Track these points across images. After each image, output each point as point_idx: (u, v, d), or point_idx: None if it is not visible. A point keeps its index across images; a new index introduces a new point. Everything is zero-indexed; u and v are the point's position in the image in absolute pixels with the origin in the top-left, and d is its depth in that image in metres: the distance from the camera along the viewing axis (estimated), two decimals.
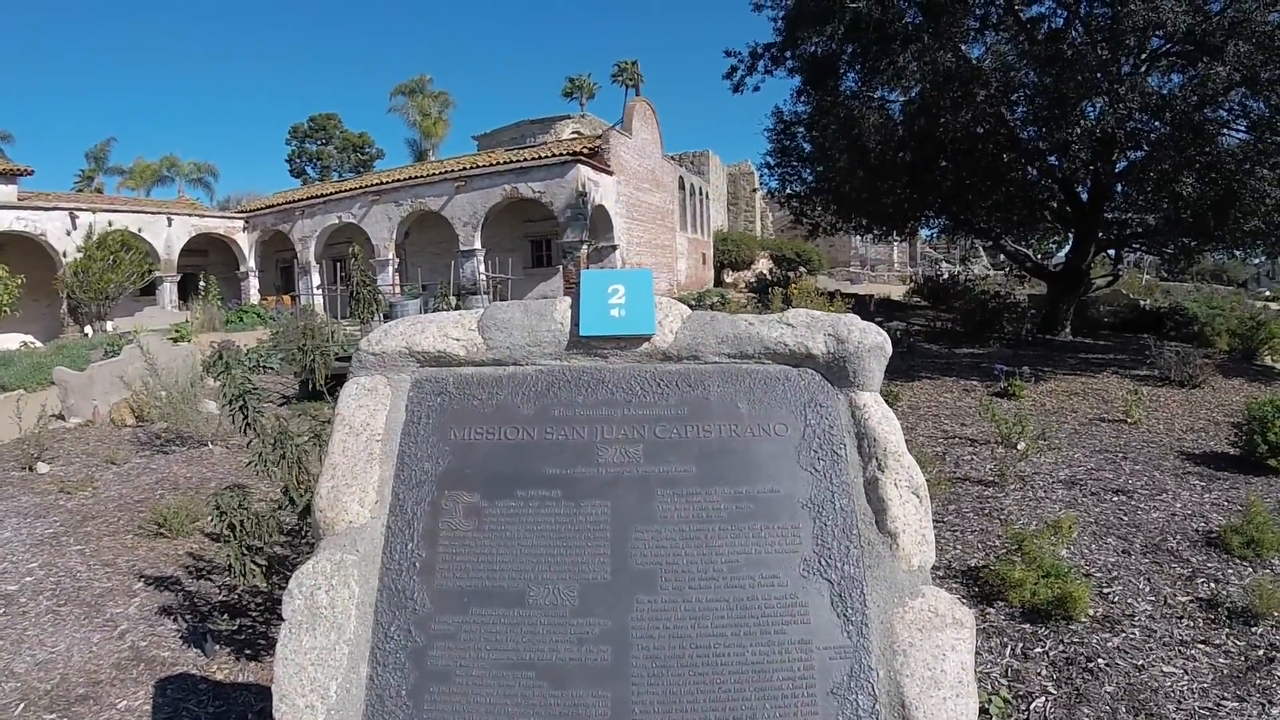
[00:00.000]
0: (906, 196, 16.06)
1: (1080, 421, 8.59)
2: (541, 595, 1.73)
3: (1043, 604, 4.26)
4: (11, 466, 7.90)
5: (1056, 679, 3.84)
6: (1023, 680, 3.85)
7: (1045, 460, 7.04)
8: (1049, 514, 5.63)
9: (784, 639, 1.71)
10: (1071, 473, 6.70)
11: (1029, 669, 3.91)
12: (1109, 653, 3.93)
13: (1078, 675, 3.82)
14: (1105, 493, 6.17)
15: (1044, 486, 6.37)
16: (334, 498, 1.88)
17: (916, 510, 1.91)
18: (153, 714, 4.04)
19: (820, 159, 16.04)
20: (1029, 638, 4.15)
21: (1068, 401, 9.64)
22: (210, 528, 6.01)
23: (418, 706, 1.67)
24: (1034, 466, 6.86)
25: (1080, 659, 3.92)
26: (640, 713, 1.64)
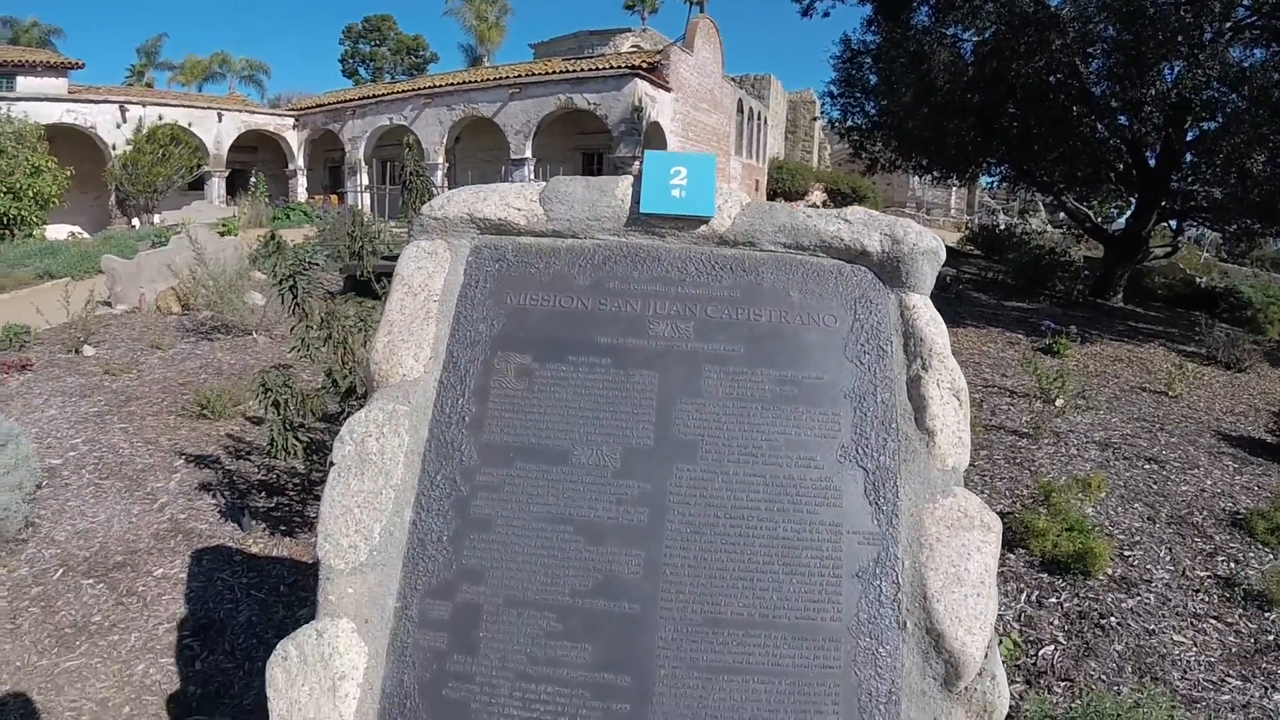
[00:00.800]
0: (971, 140, 15.67)
1: (1121, 388, 8.51)
2: (584, 455, 1.78)
3: (1063, 556, 4.28)
4: (58, 349, 8.08)
5: (1068, 630, 3.88)
6: (1034, 627, 3.89)
7: (1082, 420, 7.00)
8: (1079, 471, 5.62)
9: (815, 519, 1.75)
10: (1106, 435, 6.66)
11: (1042, 617, 3.95)
12: (1122, 613, 3.96)
13: (1089, 630, 3.86)
14: (1138, 459, 6.14)
15: (1077, 445, 6.35)
16: (389, 351, 1.93)
17: (956, 413, 1.92)
18: (188, 582, 4.20)
19: (886, 92, 15.67)
20: (1045, 587, 4.18)
21: (1111, 367, 9.53)
22: (252, 412, 6.16)
23: (458, 551, 1.74)
24: (1070, 424, 6.82)
25: (1093, 614, 3.96)
26: (671, 574, 1.70)
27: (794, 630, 1.68)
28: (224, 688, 3.58)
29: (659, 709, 1.63)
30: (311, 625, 1.75)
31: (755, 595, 1.69)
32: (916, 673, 1.73)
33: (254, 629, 3.89)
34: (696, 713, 1.63)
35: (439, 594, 1.72)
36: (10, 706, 3.46)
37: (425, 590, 1.72)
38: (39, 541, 4.56)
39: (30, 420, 6.02)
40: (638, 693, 1.63)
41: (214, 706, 3.48)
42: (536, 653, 1.66)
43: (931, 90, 13.44)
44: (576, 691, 1.64)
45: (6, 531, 4.42)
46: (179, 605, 4.04)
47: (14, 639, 3.83)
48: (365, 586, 1.76)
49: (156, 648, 3.82)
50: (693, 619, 1.67)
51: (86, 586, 4.21)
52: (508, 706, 1.64)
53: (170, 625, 3.93)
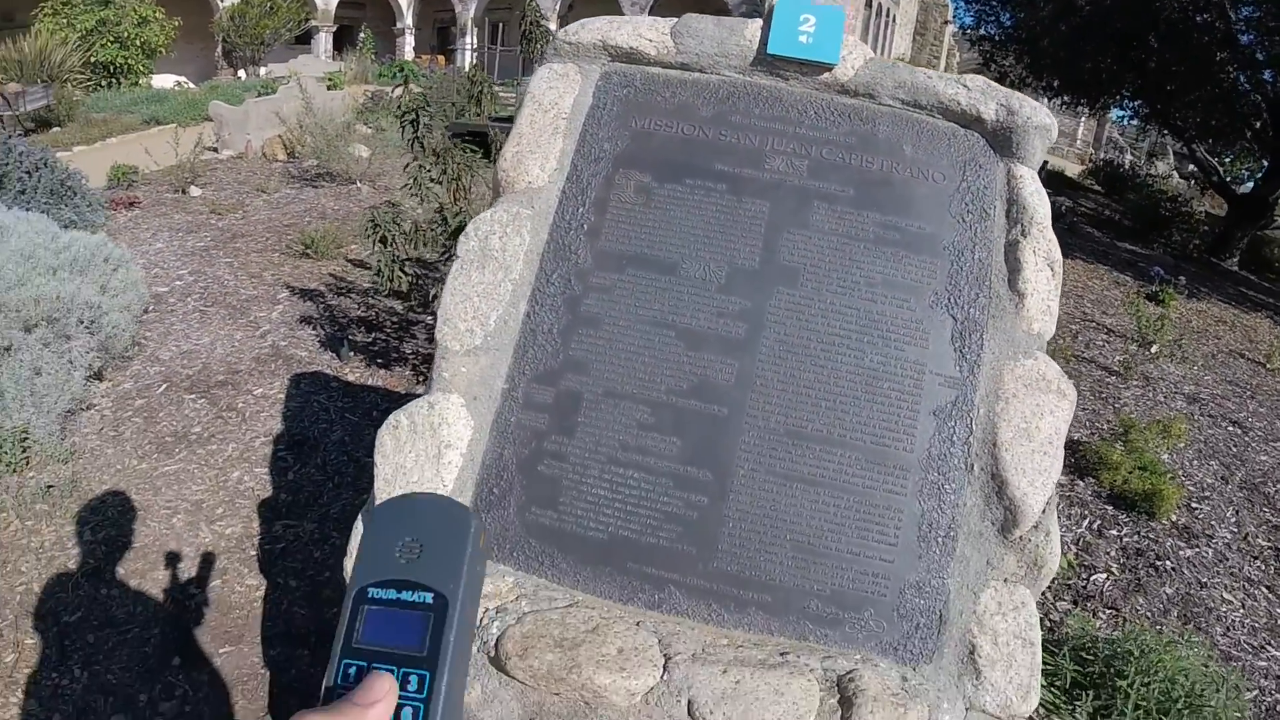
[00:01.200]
0: (1107, 67, 14.87)
1: (1219, 349, 8.30)
2: (692, 269, 1.89)
3: (1131, 493, 4.31)
4: (165, 189, 8.37)
5: (1122, 564, 3.93)
6: (1091, 554, 3.95)
7: (1174, 370, 6.88)
8: (1162, 418, 5.58)
9: (902, 356, 1.85)
10: (1196, 390, 6.55)
11: (1100, 546, 4.00)
12: (1178, 560, 3.99)
13: (1143, 568, 3.90)
14: (1222, 420, 6.04)
15: (1165, 393, 6.27)
16: (517, 161, 2.05)
17: (1048, 282, 1.98)
18: (285, 402, 4.46)
19: (1024, 4, 14.99)
20: (1108, 519, 4.22)
21: (1213, 327, 9.28)
22: (354, 254, 6.40)
23: (565, 343, 1.88)
24: (1161, 372, 6.72)
25: (1150, 554, 3.99)
26: (760, 385, 1.82)
27: (867, 454, 1.79)
28: (313, 497, 3.84)
29: (733, 505, 1.77)
30: (424, 398, 1.92)
31: (836, 416, 1.80)
32: (976, 514, 1.84)
33: (345, 447, 4.14)
34: (768, 514, 1.76)
35: (544, 380, 1.87)
36: (110, 504, 3.76)
37: (532, 376, 1.88)
38: (144, 360, 4.86)
39: (138, 251, 6.31)
40: (716, 488, 1.78)
41: (303, 513, 3.75)
42: (628, 441, 1.80)
43: (1072, 8, 12.79)
44: (660, 480, 1.79)
45: (114, 348, 4.72)
46: (275, 422, 4.31)
47: (116, 445, 4.13)
48: (477, 367, 1.91)
49: (252, 458, 4.09)
50: (775, 429, 1.80)
51: (188, 401, 4.50)
52: (596, 487, 1.80)
53: (266, 439, 4.20)
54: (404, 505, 0.61)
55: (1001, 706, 1.75)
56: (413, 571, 0.57)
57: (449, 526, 0.59)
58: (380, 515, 0.61)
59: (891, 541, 1.76)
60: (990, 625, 1.78)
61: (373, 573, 0.58)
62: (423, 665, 0.54)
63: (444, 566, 0.57)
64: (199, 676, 3.14)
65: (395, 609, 0.57)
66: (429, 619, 0.56)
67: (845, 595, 1.74)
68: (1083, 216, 15.79)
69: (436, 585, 0.57)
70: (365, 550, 0.60)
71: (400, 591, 0.57)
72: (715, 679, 1.61)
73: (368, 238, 4.08)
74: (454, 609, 0.56)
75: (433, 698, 0.54)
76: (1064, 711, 3.14)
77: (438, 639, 0.55)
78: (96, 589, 3.42)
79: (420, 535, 0.59)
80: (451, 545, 0.58)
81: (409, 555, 0.58)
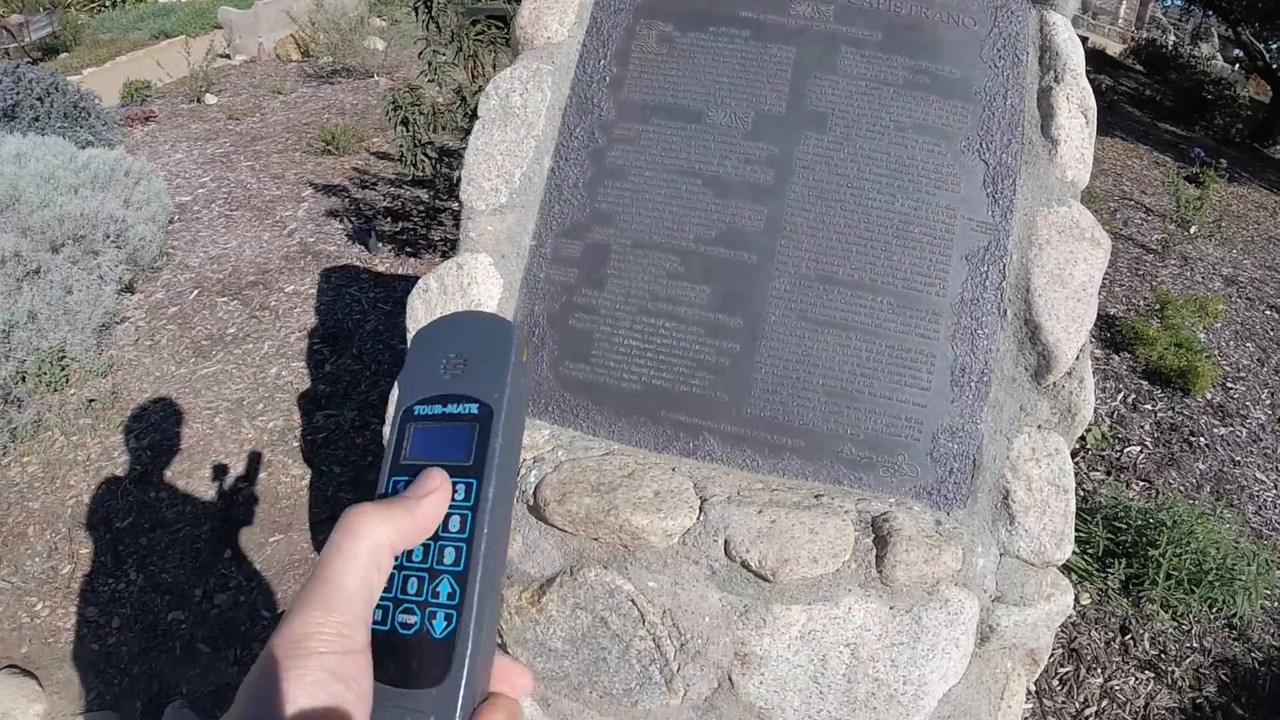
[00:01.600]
0: None
1: (1259, 235, 8.12)
2: (718, 117, 1.86)
3: (1167, 369, 4.27)
4: (180, 100, 8.31)
5: (1156, 439, 3.92)
6: (1125, 427, 3.94)
7: (1213, 252, 6.76)
8: (1199, 297, 5.50)
9: (933, 201, 1.82)
10: (1234, 273, 6.44)
11: (1134, 420, 3.99)
12: (1212, 437, 3.97)
13: (1177, 443, 3.89)
14: (1260, 303, 5.95)
15: (1203, 273, 6.17)
16: (535, 17, 2.01)
17: (1082, 130, 1.93)
18: (318, 297, 4.49)
19: None
20: (1143, 394, 4.20)
21: (1254, 212, 9.06)
22: (376, 147, 6.36)
23: (592, 197, 1.87)
24: (1199, 252, 6.61)
25: (1184, 430, 3.97)
26: (790, 230, 1.80)
27: (900, 298, 1.78)
28: (351, 386, 3.89)
29: (765, 351, 1.77)
30: (452, 260, 1.92)
31: (867, 260, 1.78)
32: (1010, 360, 1.83)
33: (380, 336, 4.19)
34: (800, 359, 1.76)
35: (571, 234, 1.86)
36: (151, 411, 3.83)
37: (559, 230, 1.87)
38: (174, 268, 4.90)
39: (158, 163, 6.31)
40: (748, 334, 1.77)
41: (342, 402, 3.81)
42: (658, 291, 1.80)
43: None
44: (691, 328, 1.79)
45: (143, 260, 4.75)
46: (309, 317, 4.35)
47: (152, 353, 4.19)
48: (504, 225, 1.91)
49: (288, 354, 4.14)
50: (806, 274, 1.78)
51: (220, 304, 4.54)
52: (628, 338, 1.80)
53: (301, 334, 4.24)
54: (447, 324, 0.61)
55: (1035, 553, 1.76)
56: (457, 385, 0.58)
57: (492, 339, 0.59)
58: (424, 336, 0.61)
59: (924, 386, 1.76)
60: (1024, 471, 1.78)
61: (418, 391, 0.59)
62: (469, 474, 0.55)
63: (488, 377, 0.57)
64: (250, 567, 3.24)
65: (441, 423, 0.57)
66: (474, 429, 0.56)
67: (878, 440, 1.75)
68: (1123, 95, 15.36)
69: (481, 395, 0.57)
70: (410, 371, 0.60)
71: (446, 405, 0.57)
72: (751, 519, 1.63)
73: (388, 120, 4.05)
74: (499, 417, 0.56)
75: (480, 505, 0.54)
76: (1097, 579, 3.17)
77: (483, 447, 0.55)
78: (145, 493, 3.51)
79: (463, 351, 0.59)
80: (495, 357, 0.58)
81: (453, 371, 0.58)
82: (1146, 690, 2.89)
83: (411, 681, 0.51)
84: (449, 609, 0.52)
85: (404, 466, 0.56)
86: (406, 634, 0.52)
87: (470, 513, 0.54)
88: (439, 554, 0.53)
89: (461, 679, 0.50)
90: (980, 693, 1.89)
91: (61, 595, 3.16)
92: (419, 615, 0.52)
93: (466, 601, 0.52)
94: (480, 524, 0.54)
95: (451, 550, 0.53)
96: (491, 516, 0.54)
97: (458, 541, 0.54)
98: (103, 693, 2.89)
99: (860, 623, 1.68)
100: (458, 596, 0.52)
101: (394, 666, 0.51)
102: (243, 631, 3.03)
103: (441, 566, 0.53)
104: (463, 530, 0.54)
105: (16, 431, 3.73)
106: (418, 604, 0.53)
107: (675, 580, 1.71)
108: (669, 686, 1.76)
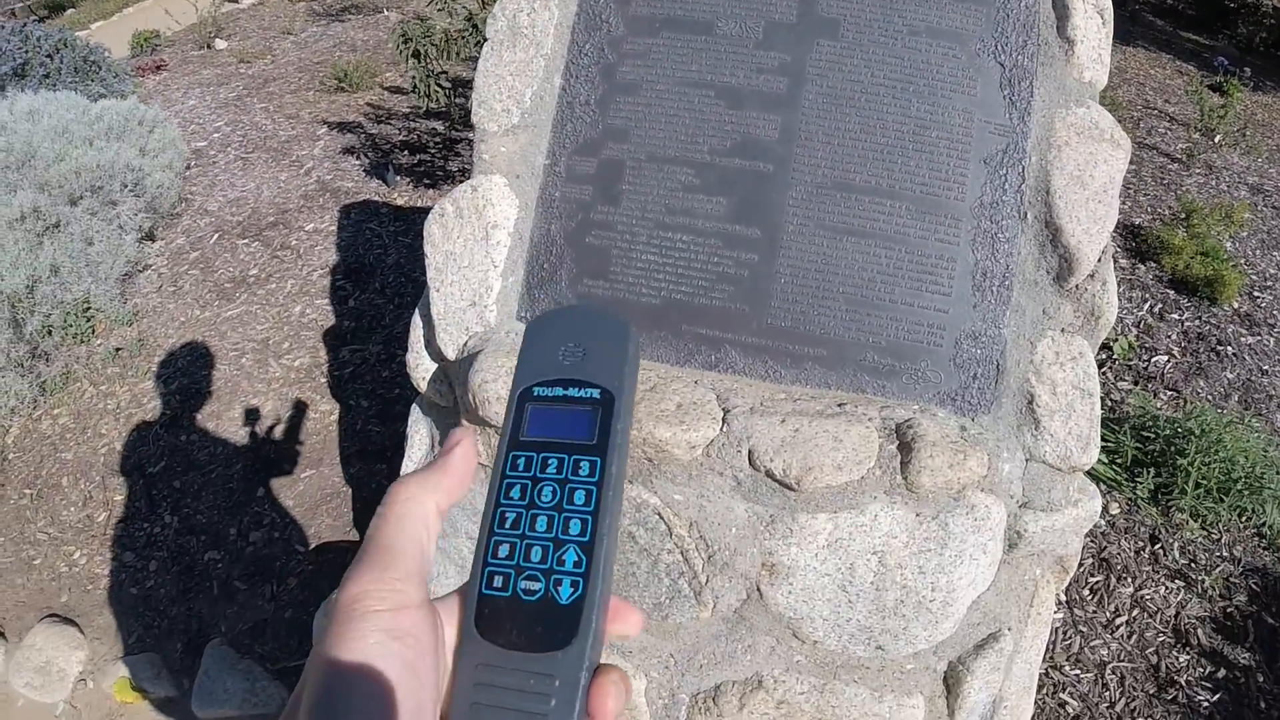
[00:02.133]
0: None
1: None
2: (728, 27, 1.83)
3: (1193, 278, 4.21)
4: (190, 47, 8.25)
5: (1183, 348, 3.88)
6: (1152, 336, 3.90)
7: (1238, 161, 6.61)
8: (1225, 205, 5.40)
9: (949, 104, 1.78)
10: (1260, 181, 6.29)
11: (1161, 329, 3.95)
12: (1239, 346, 3.92)
13: (1205, 352, 3.85)
14: None
15: (1229, 182, 6.04)
16: None
17: (1098, 30, 1.89)
18: (338, 233, 4.49)
19: None
20: (1170, 303, 4.15)
21: (1279, 120, 8.85)
22: (389, 82, 6.32)
23: (604, 113, 1.85)
24: (1224, 161, 6.46)
25: (1211, 339, 3.93)
26: (805, 139, 1.78)
27: (918, 203, 1.76)
28: (375, 320, 3.92)
29: (785, 261, 1.76)
30: (467, 183, 1.91)
31: (884, 166, 1.76)
32: (1031, 263, 1.81)
33: (402, 269, 4.20)
34: (820, 268, 1.75)
35: (585, 151, 1.85)
36: (178, 355, 3.87)
37: (572, 148, 1.86)
38: (193, 213, 4.91)
39: (172, 111, 6.28)
40: (766, 245, 1.76)
41: (367, 336, 3.84)
42: (674, 204, 1.79)
43: None
44: (709, 241, 1.78)
45: (161, 207, 4.77)
46: (331, 254, 4.37)
47: (176, 299, 4.22)
48: (516, 145, 1.90)
49: (311, 291, 4.17)
50: (823, 182, 1.77)
51: (241, 246, 4.56)
52: (645, 253, 1.80)
53: (323, 271, 4.26)
54: (561, 316, 0.64)
55: (1061, 458, 1.76)
56: (578, 371, 0.60)
57: (608, 333, 0.62)
58: (540, 324, 0.63)
59: (945, 292, 1.75)
60: (1048, 375, 1.77)
61: (537, 373, 0.61)
62: (593, 452, 0.57)
63: (607, 367, 0.60)
64: (284, 503, 3.30)
65: (561, 405, 0.59)
66: (596, 412, 0.58)
67: (901, 347, 1.74)
68: (1144, 5, 14.94)
69: (602, 382, 0.59)
70: (526, 355, 0.62)
71: (566, 389, 0.60)
72: (774, 428, 1.64)
73: (399, 54, 4.01)
74: (620, 402, 0.59)
75: (604, 480, 0.57)
76: (1125, 488, 3.18)
77: (606, 428, 0.58)
78: (176, 437, 3.57)
79: (581, 341, 0.61)
80: (612, 349, 0.61)
81: (572, 358, 0.61)
82: (1177, 599, 2.91)
83: (535, 645, 0.53)
84: (575, 576, 0.54)
85: (523, 443, 0.59)
86: (530, 600, 0.54)
87: (595, 488, 0.56)
88: (564, 525, 0.56)
89: (588, 641, 0.53)
90: (1009, 600, 1.91)
91: (98, 543, 3.24)
92: (543, 582, 0.55)
93: (593, 569, 0.54)
94: (605, 498, 0.56)
95: (577, 522, 0.56)
96: (614, 491, 0.57)
97: (584, 514, 0.56)
98: (142, 635, 2.98)
99: (887, 530, 1.69)
100: (584, 564, 0.55)
101: (516, 631, 0.53)
102: (278, 567, 3.10)
103: (567, 537, 0.56)
104: (588, 504, 0.56)
105: (46, 384, 3.79)
106: (542, 571, 0.55)
107: (701, 492, 1.72)
108: (698, 599, 1.79)
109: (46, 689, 2.84)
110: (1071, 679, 2.72)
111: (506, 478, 0.59)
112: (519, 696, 0.52)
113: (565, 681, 0.52)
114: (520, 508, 0.57)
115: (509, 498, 0.58)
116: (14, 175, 4.36)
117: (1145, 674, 2.73)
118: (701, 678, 1.87)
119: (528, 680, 0.52)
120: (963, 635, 1.84)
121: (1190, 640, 2.79)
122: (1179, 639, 2.80)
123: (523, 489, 0.58)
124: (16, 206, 4.05)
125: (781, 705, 1.83)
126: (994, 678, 1.87)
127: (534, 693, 0.52)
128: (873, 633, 1.76)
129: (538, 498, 0.57)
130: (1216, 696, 2.65)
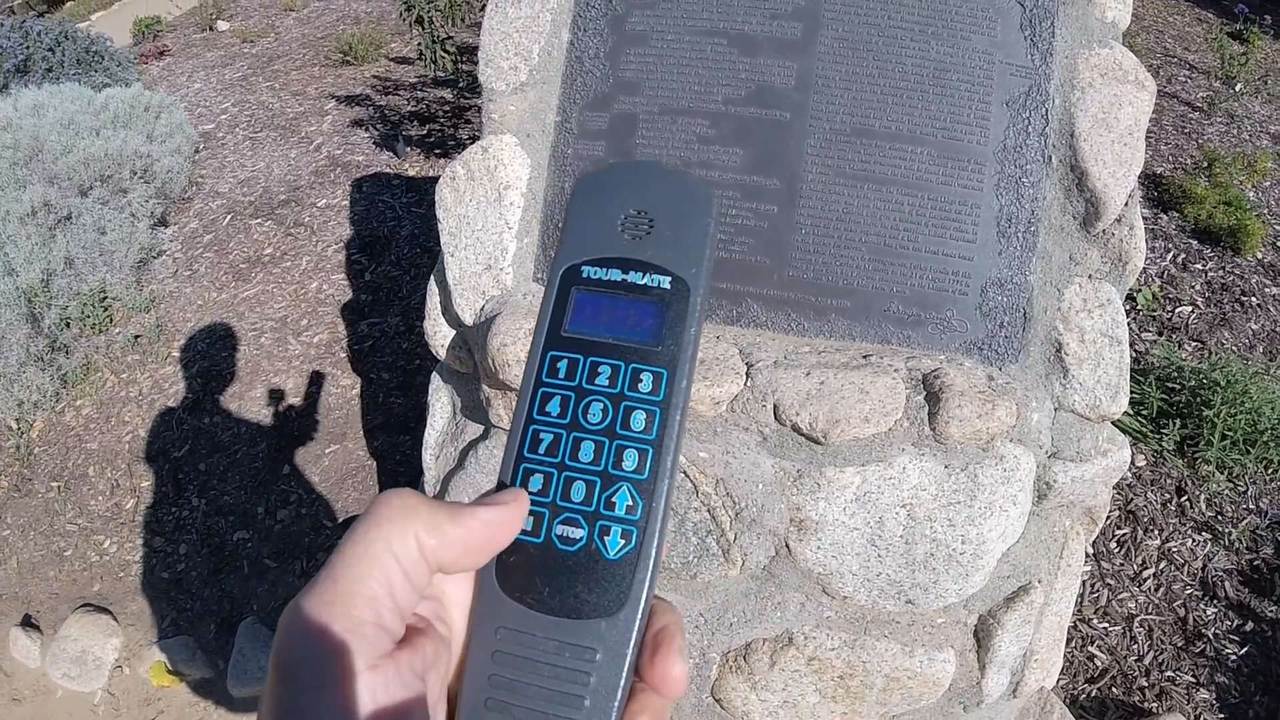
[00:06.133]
0: None
1: None
2: None
3: (1216, 228, 4.15)
4: (192, 31, 8.20)
5: (1207, 298, 3.82)
6: (1175, 287, 3.85)
7: (1260, 109, 6.50)
8: (1247, 155, 5.31)
9: (969, 46, 1.74)
10: None
11: (1184, 280, 3.89)
12: (1264, 297, 3.86)
13: (1229, 303, 3.79)
14: None
15: (1250, 131, 5.94)
16: None
17: None
18: (350, 207, 4.47)
19: None
20: (1193, 253, 4.09)
21: None
22: (395, 53, 6.27)
23: (614, 66, 1.81)
24: (1246, 110, 6.36)
25: (1235, 289, 3.87)
26: (822, 85, 1.74)
27: (940, 148, 1.72)
28: (392, 293, 3.91)
29: (805, 211, 1.72)
30: (477, 144, 1.88)
31: (904, 111, 1.72)
32: (1057, 208, 1.77)
33: (417, 240, 4.19)
34: (841, 217, 1.72)
35: (596, 106, 1.81)
36: (197, 338, 3.87)
37: (583, 104, 1.82)
38: (204, 196, 4.90)
39: (178, 95, 6.24)
40: (785, 195, 1.73)
41: (385, 309, 3.83)
42: (690, 156, 1.75)
43: None
44: (727, 193, 1.74)
45: (172, 192, 4.76)
46: (344, 228, 4.35)
47: (192, 282, 4.22)
48: (526, 103, 1.86)
49: (326, 267, 4.16)
50: (841, 129, 1.73)
51: (254, 225, 4.55)
52: None
53: (338, 246, 4.25)
54: (625, 172, 0.50)
55: (1090, 406, 1.73)
56: (643, 250, 0.47)
57: (685, 201, 0.48)
58: (593, 183, 0.49)
59: (970, 238, 1.71)
60: (1076, 322, 1.74)
61: (587, 248, 0.47)
62: (658, 362, 0.45)
63: (682, 247, 0.47)
64: (309, 479, 3.31)
65: (619, 293, 0.46)
66: (664, 307, 0.46)
67: (926, 296, 1.71)
68: None
69: (674, 268, 0.46)
70: (574, 222, 0.48)
71: (627, 272, 0.46)
72: (799, 381, 1.61)
73: (404, 21, 3.98)
74: (695, 297, 0.46)
75: (670, 401, 0.44)
76: (1151, 440, 3.14)
77: (677, 331, 0.45)
78: (199, 420, 3.57)
79: (648, 209, 0.47)
80: (690, 222, 0.47)
81: (635, 231, 0.47)
82: (1204, 552, 2.88)
83: (572, 610, 0.42)
84: (628, 524, 0.43)
85: (565, 340, 0.46)
86: (568, 550, 0.43)
87: (660, 410, 0.44)
88: (616, 456, 0.44)
89: (639, 611, 0.42)
90: (1039, 552, 1.88)
91: (127, 530, 3.25)
92: (586, 529, 0.43)
93: (651, 516, 0.43)
94: (670, 424, 0.44)
95: (634, 453, 0.44)
96: (681, 416, 0.45)
97: (642, 443, 0.44)
98: (176, 619, 2.99)
99: (915, 482, 1.67)
100: (640, 510, 0.43)
101: (547, 589, 0.42)
102: (307, 543, 3.11)
103: (620, 472, 0.44)
104: (648, 430, 0.44)
105: (67, 377, 3.80)
106: (585, 515, 0.44)
107: (726, 449, 1.70)
108: (727, 557, 1.77)
109: (84, 678, 2.85)
110: (1100, 632, 2.70)
111: (543, 385, 0.46)
112: (550, 672, 0.41)
113: (610, 657, 0.41)
114: (559, 427, 0.45)
115: (544, 413, 0.45)
116: (23, 170, 4.35)
117: (1173, 627, 2.70)
118: (732, 636, 1.85)
119: (562, 653, 0.41)
120: (993, 588, 1.82)
121: (1217, 593, 2.77)
122: (1206, 591, 2.78)
123: (563, 403, 0.45)
124: (27, 201, 4.05)
125: (813, 661, 1.81)
126: (1024, 631, 1.85)
127: (568, 668, 0.41)
128: (903, 587, 1.74)
129: (583, 417, 0.45)
130: (1244, 650, 2.63)
